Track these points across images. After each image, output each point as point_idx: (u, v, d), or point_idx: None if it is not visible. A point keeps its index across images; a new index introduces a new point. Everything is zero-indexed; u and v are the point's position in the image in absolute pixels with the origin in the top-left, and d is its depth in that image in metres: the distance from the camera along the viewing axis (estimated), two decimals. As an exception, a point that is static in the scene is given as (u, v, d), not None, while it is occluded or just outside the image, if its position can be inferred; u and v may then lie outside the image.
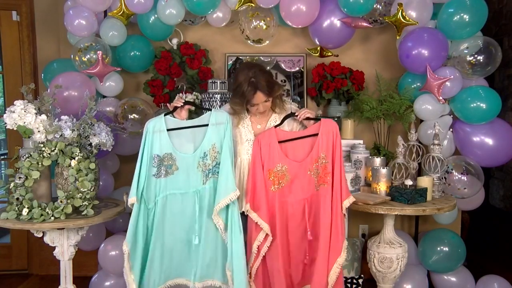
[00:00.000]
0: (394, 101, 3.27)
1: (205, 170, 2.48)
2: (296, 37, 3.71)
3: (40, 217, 2.49)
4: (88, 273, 3.56)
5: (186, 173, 2.48)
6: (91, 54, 3.24)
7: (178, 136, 2.49)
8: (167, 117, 2.52)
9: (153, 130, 2.47)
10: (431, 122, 3.15)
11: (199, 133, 2.50)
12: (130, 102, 3.39)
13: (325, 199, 2.47)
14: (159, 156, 2.47)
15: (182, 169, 2.48)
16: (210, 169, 2.47)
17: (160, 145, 2.47)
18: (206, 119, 2.51)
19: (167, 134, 2.47)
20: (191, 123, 2.53)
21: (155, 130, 2.47)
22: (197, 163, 2.48)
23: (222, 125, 2.48)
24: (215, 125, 2.48)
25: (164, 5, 3.22)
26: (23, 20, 3.83)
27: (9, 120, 2.66)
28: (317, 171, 2.49)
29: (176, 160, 2.47)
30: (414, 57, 3.07)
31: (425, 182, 2.81)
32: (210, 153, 2.47)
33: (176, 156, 2.47)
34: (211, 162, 2.47)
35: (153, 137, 2.46)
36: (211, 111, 2.52)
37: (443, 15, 3.08)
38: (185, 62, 3.54)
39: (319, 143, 2.50)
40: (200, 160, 2.47)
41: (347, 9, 3.11)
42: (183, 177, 2.48)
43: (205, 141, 2.48)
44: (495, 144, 3.12)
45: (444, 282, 3.38)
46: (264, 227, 2.42)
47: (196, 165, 2.47)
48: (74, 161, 2.61)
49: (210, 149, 2.47)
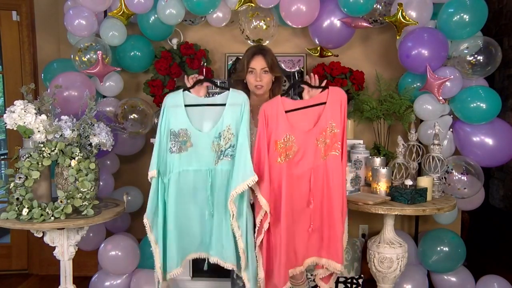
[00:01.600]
0: (394, 101, 3.27)
1: (217, 151, 2.41)
2: (296, 37, 3.71)
3: (40, 217, 2.48)
4: (88, 273, 3.56)
5: (200, 151, 2.42)
6: (91, 54, 3.25)
7: (195, 112, 2.43)
8: (185, 93, 2.45)
9: (170, 104, 2.41)
10: (431, 122, 3.15)
11: (216, 112, 2.43)
12: (130, 102, 3.39)
13: (335, 166, 2.43)
14: (174, 131, 2.41)
15: (196, 146, 2.41)
16: (223, 150, 2.40)
17: (176, 120, 2.41)
18: (224, 98, 2.43)
19: (184, 109, 2.41)
20: (209, 101, 2.46)
21: (173, 105, 2.41)
22: (211, 142, 2.41)
23: (239, 107, 2.40)
24: (231, 106, 2.40)
25: (164, 5, 3.22)
26: (23, 20, 3.83)
27: (9, 120, 2.66)
28: (324, 141, 2.44)
29: (191, 137, 2.41)
30: (414, 57, 3.07)
31: (425, 182, 2.81)
32: (225, 134, 2.40)
33: (191, 133, 2.41)
34: (224, 144, 2.40)
35: (170, 112, 2.41)
36: (229, 90, 2.44)
37: (443, 15, 3.09)
38: (185, 62, 3.54)
39: (327, 112, 2.42)
40: (215, 140, 2.40)
41: (347, 9, 3.11)
42: (197, 154, 2.42)
43: (221, 122, 2.40)
44: (495, 144, 3.12)
45: (444, 282, 3.38)
46: (262, 204, 2.35)
47: (210, 144, 2.41)
48: (74, 161, 2.61)
49: (225, 130, 2.39)
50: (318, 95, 2.46)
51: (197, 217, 2.47)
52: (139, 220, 3.77)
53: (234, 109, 2.40)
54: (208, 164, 2.43)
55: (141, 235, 3.52)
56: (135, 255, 3.29)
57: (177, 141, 2.41)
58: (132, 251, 3.28)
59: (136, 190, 3.66)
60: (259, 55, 2.54)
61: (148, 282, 3.28)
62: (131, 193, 3.53)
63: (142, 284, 3.29)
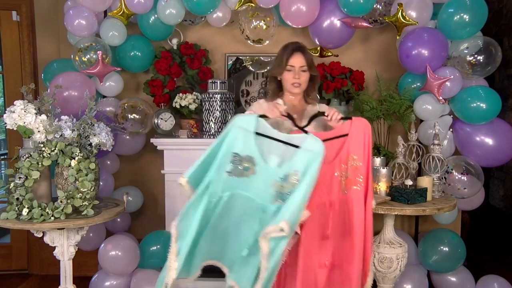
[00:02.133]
0: (394, 101, 3.27)
1: (278, 191, 2.21)
2: (296, 37, 3.70)
3: (40, 217, 2.48)
4: (88, 273, 3.56)
5: (260, 182, 2.23)
6: (91, 54, 3.25)
7: (264, 142, 2.25)
8: (260, 119, 2.26)
9: (241, 126, 2.24)
10: (431, 122, 3.15)
11: (286, 151, 2.24)
12: (130, 102, 3.39)
13: (356, 201, 2.31)
14: (238, 155, 2.23)
15: (258, 176, 2.23)
16: (282, 193, 2.21)
17: (244, 144, 2.23)
18: (300, 140, 2.23)
19: (254, 136, 2.23)
20: (284, 138, 2.25)
21: (243, 127, 2.24)
22: (274, 179, 2.21)
23: (312, 154, 2.19)
24: (306, 151, 2.20)
25: (164, 5, 3.22)
26: (23, 20, 3.83)
27: (9, 120, 2.66)
28: (346, 173, 2.33)
29: (255, 166, 2.23)
30: (414, 57, 3.07)
31: (425, 182, 2.81)
32: (291, 178, 2.20)
33: (257, 163, 2.23)
34: (286, 188, 2.20)
35: (240, 134, 2.24)
36: (308, 134, 2.24)
37: (443, 15, 3.09)
38: (185, 62, 3.54)
39: (349, 144, 2.31)
40: (279, 180, 2.21)
41: (347, 9, 3.11)
42: (256, 184, 2.24)
43: (290, 163, 2.21)
44: (495, 144, 3.12)
45: (444, 282, 3.38)
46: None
47: (273, 181, 2.21)
48: (74, 161, 2.61)
49: (292, 174, 2.20)
50: (341, 125, 2.35)
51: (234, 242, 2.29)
52: (139, 220, 3.81)
53: (307, 156, 2.20)
54: (263, 199, 2.23)
55: (141, 235, 3.52)
56: (135, 255, 3.29)
57: (239, 165, 2.24)
58: (132, 251, 3.28)
59: (136, 190, 3.66)
60: (299, 52, 2.44)
61: (148, 282, 3.27)
62: (131, 193, 3.54)
63: (142, 284, 3.29)
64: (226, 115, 3.40)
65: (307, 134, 2.23)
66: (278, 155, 2.24)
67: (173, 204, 3.49)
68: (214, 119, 3.38)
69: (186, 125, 3.49)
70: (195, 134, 3.48)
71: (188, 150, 3.44)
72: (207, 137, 3.42)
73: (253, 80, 3.75)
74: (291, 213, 2.08)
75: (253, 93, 3.74)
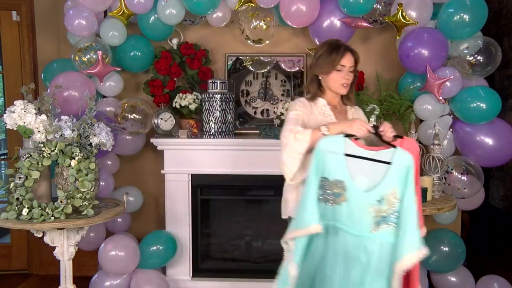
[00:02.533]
0: (394, 101, 3.27)
1: (377, 216, 2.03)
2: (296, 37, 3.70)
3: (40, 217, 2.48)
4: (88, 273, 3.56)
5: (354, 210, 2.05)
6: (91, 54, 3.25)
7: (353, 164, 2.08)
8: (346, 139, 2.10)
9: (327, 149, 2.09)
10: (431, 122, 3.15)
11: (377, 170, 2.05)
12: (130, 102, 3.39)
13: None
14: (327, 180, 2.08)
15: (350, 203, 2.05)
16: (385, 216, 2.03)
17: (333, 168, 2.08)
18: (389, 156, 2.05)
19: (344, 158, 2.07)
20: (373, 155, 2.08)
21: (330, 150, 2.09)
22: (369, 204, 2.03)
23: (405, 168, 2.03)
24: (398, 167, 2.03)
25: (164, 5, 3.22)
26: (23, 20, 3.83)
27: (9, 120, 2.66)
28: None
29: (346, 191, 2.05)
30: (414, 57, 3.07)
31: (425, 182, 2.81)
32: (389, 198, 2.03)
33: (348, 187, 2.05)
34: (387, 209, 2.02)
35: (327, 157, 2.09)
36: (395, 148, 2.06)
37: (443, 15, 3.08)
38: (185, 62, 3.54)
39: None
40: (375, 203, 2.02)
41: (347, 9, 3.11)
42: (348, 212, 2.06)
43: (384, 184, 2.03)
44: (495, 144, 3.12)
45: (444, 282, 3.38)
46: None
47: (368, 206, 2.03)
48: (74, 161, 2.61)
49: (389, 194, 2.02)
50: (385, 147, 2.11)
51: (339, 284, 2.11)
52: (139, 220, 3.81)
53: (400, 171, 2.04)
54: (361, 229, 2.05)
55: (141, 235, 3.52)
56: (135, 255, 3.29)
57: (329, 191, 2.09)
58: (132, 251, 3.27)
59: (136, 190, 3.66)
60: (349, 52, 2.35)
61: (148, 282, 3.28)
62: (131, 193, 3.54)
63: (142, 284, 3.28)
64: (226, 115, 3.40)
65: (395, 148, 2.07)
66: (367, 176, 2.07)
67: (173, 204, 3.49)
68: (214, 119, 3.38)
69: (186, 125, 3.50)
70: (195, 134, 3.48)
71: (188, 150, 3.45)
72: (207, 137, 3.42)
73: (253, 80, 3.75)
74: (419, 237, 2.01)
75: (253, 93, 3.74)
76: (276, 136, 3.32)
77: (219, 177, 3.49)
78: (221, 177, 3.48)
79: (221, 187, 3.57)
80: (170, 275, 3.50)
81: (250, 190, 3.62)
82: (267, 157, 3.38)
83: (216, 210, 3.75)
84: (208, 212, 3.71)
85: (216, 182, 3.52)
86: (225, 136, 3.41)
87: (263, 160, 3.39)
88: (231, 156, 3.43)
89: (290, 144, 2.18)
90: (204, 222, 3.66)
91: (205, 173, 3.47)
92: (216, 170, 3.45)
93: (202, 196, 3.55)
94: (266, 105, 3.73)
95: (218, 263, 3.69)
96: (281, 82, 3.73)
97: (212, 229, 3.77)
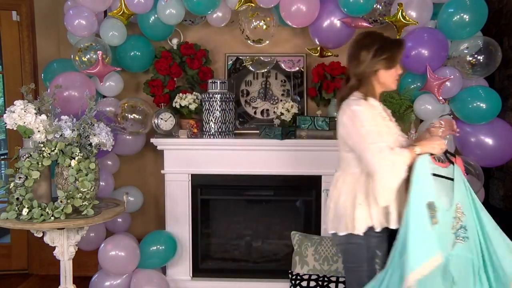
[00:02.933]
0: (394, 101, 3.26)
1: (454, 233, 2.07)
2: (296, 37, 3.70)
3: (40, 217, 2.48)
4: (88, 273, 3.56)
5: (442, 231, 2.04)
6: (91, 54, 3.25)
7: (437, 182, 2.08)
8: (429, 158, 2.08)
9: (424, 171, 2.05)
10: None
11: (447, 186, 2.10)
12: (130, 102, 3.39)
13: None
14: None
15: (440, 224, 2.03)
16: (454, 232, 2.07)
17: (427, 190, 2.04)
18: (450, 172, 2.11)
19: (432, 178, 2.05)
20: (444, 172, 2.11)
21: (426, 172, 2.05)
22: (450, 222, 2.05)
23: (462, 182, 2.10)
24: (457, 182, 2.09)
25: (164, 5, 3.22)
26: (23, 20, 3.83)
27: (9, 120, 2.66)
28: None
29: (437, 212, 2.02)
30: (414, 57, 3.07)
31: (425, 182, 2.81)
32: (456, 213, 2.07)
33: (438, 208, 2.03)
34: (456, 224, 2.07)
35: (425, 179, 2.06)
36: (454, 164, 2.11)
37: (443, 15, 3.08)
38: (185, 62, 3.54)
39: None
40: (453, 221, 2.06)
41: (347, 9, 3.11)
42: (439, 234, 2.02)
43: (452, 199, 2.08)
44: (495, 144, 3.12)
45: (444, 282, 3.37)
46: None
47: (451, 225, 2.05)
48: (74, 161, 2.61)
49: (456, 209, 2.08)
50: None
51: None
52: (139, 220, 3.81)
53: (460, 185, 2.10)
54: (445, 249, 2.03)
55: (141, 235, 3.52)
56: (135, 255, 3.29)
57: None
58: (132, 251, 3.27)
59: (136, 190, 3.66)
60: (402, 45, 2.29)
61: (148, 282, 3.28)
62: (131, 193, 3.53)
63: (142, 284, 3.28)
64: (226, 115, 3.40)
65: (453, 164, 2.11)
66: (446, 194, 2.09)
67: (173, 204, 3.49)
68: (214, 119, 3.38)
69: (186, 125, 3.50)
70: (195, 134, 3.48)
71: (188, 150, 3.45)
72: (207, 137, 3.42)
73: (253, 80, 3.75)
74: None
75: (253, 93, 3.74)
76: (276, 136, 3.33)
77: (219, 177, 3.49)
78: (221, 177, 3.48)
79: (221, 187, 3.57)
80: (170, 275, 3.51)
81: (250, 190, 3.61)
82: (267, 157, 3.38)
83: (216, 210, 3.75)
84: (208, 212, 3.71)
85: (216, 182, 3.52)
86: (225, 136, 3.41)
87: (263, 160, 3.39)
88: (231, 156, 3.43)
89: (391, 164, 2.02)
90: (204, 222, 3.66)
91: (205, 173, 3.47)
92: (216, 170, 3.45)
93: (202, 196, 3.55)
94: (266, 105, 3.73)
95: (218, 263, 3.69)
96: (281, 82, 3.73)
97: (212, 229, 3.77)
